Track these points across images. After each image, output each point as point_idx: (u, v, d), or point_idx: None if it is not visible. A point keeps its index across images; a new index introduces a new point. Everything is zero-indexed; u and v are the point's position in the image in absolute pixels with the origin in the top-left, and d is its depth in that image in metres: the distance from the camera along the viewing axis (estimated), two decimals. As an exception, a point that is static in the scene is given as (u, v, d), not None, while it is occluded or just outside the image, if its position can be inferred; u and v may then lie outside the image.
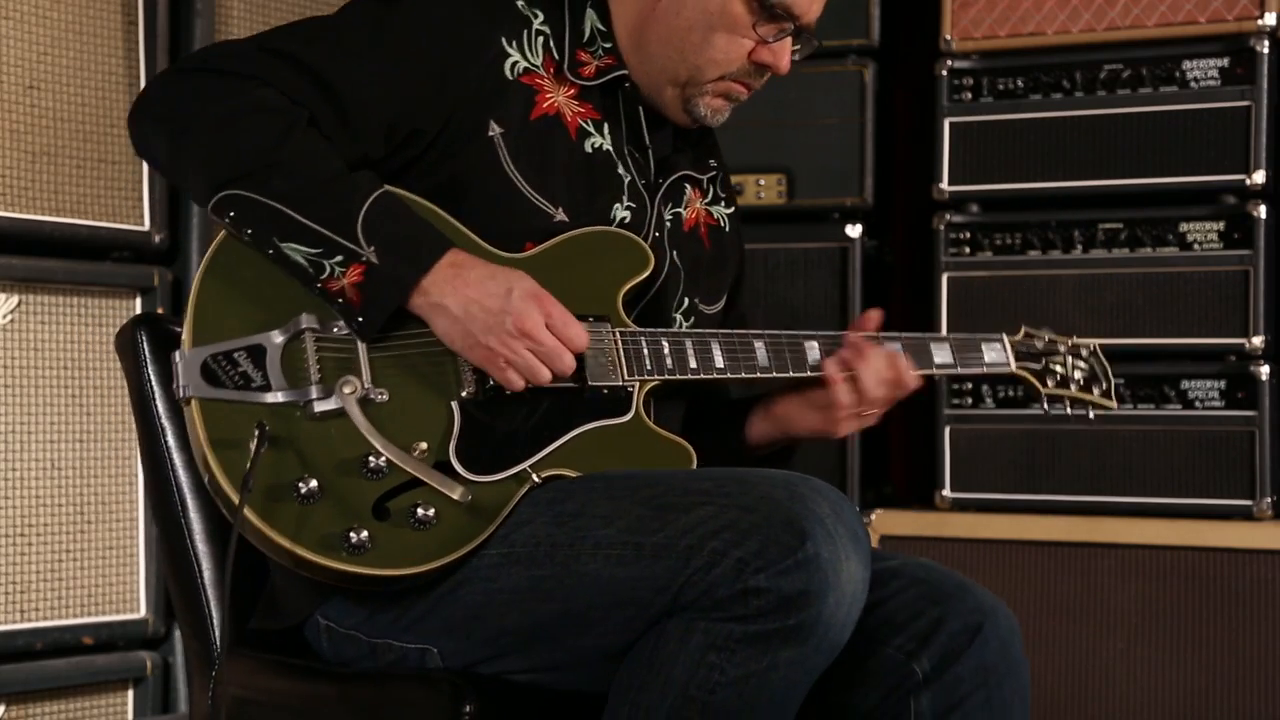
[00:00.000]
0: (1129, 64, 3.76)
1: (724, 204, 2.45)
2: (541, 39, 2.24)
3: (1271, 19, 3.65)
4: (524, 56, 2.22)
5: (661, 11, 2.25)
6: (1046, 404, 2.46)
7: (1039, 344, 2.48)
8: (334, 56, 2.13)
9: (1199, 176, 3.71)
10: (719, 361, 2.25)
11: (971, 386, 3.88)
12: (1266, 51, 3.66)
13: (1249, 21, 3.67)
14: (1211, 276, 3.70)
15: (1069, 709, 3.70)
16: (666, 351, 2.21)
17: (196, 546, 2.27)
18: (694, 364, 2.23)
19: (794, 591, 1.91)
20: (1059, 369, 2.48)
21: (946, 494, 3.87)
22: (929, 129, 3.93)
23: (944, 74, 3.89)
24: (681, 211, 2.35)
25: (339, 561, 2.01)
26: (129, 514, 3.52)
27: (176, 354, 2.06)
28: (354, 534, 2.01)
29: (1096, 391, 2.50)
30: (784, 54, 2.28)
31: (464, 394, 2.11)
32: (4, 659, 3.33)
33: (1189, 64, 3.72)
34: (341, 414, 2.04)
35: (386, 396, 2.07)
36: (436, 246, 2.08)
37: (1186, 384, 3.72)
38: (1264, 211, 3.67)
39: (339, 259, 2.05)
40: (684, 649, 1.95)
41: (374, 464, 2.04)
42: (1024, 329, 2.48)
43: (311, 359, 2.06)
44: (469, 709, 2.03)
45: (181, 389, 2.05)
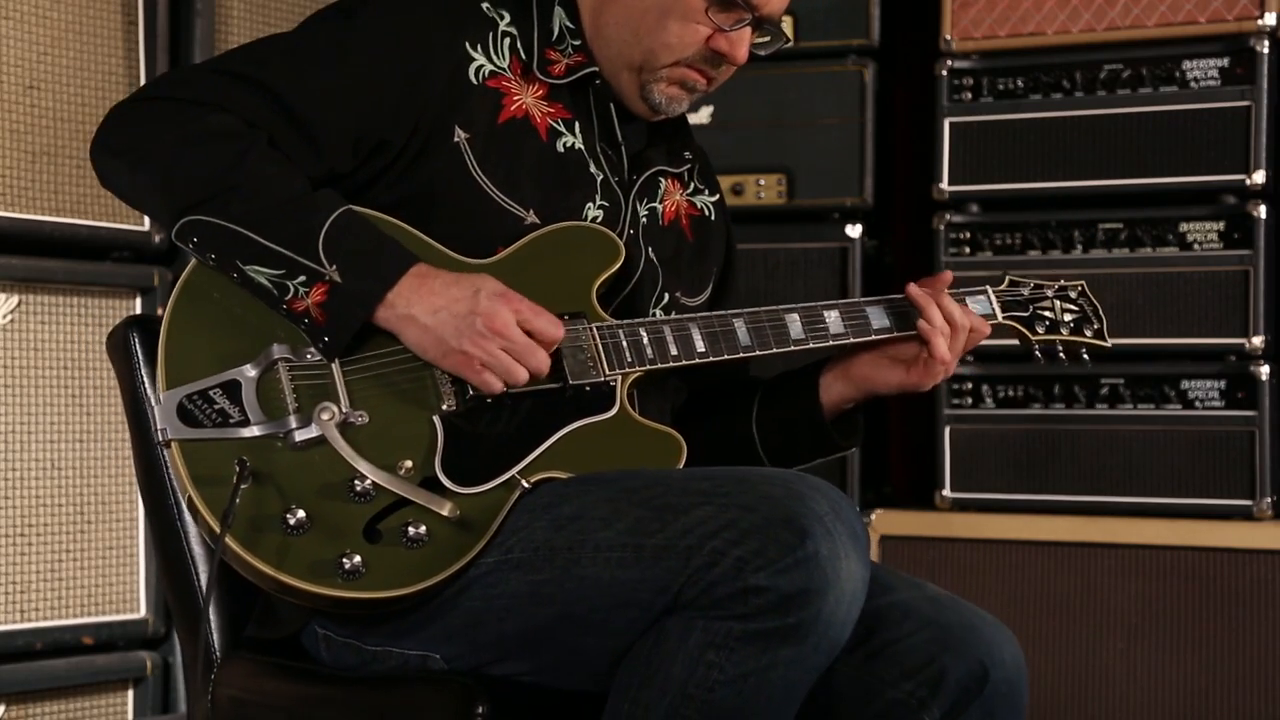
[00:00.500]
0: (1129, 64, 3.76)
1: (707, 192, 2.43)
2: (508, 40, 2.23)
3: (1271, 19, 3.65)
4: (489, 60, 2.21)
5: None
6: (1038, 352, 2.41)
7: (1025, 290, 2.43)
8: (292, 74, 2.12)
9: (1199, 176, 3.71)
10: (699, 345, 2.22)
11: (971, 386, 3.88)
12: (1266, 51, 3.66)
13: (1249, 21, 3.67)
14: (1211, 276, 3.70)
15: (1069, 709, 3.70)
16: (645, 341, 2.19)
17: (193, 550, 2.25)
18: (675, 350, 2.21)
19: (794, 590, 1.90)
20: (1047, 314, 2.43)
21: (946, 494, 3.87)
22: (929, 129, 3.93)
23: (944, 74, 3.89)
24: (658, 206, 2.33)
25: (334, 588, 2.00)
26: (129, 514, 3.52)
27: (151, 398, 2.07)
28: (346, 560, 2.00)
29: (1089, 333, 2.44)
30: (741, 44, 2.24)
31: (444, 407, 2.09)
32: (4, 659, 3.33)
33: (1189, 64, 3.72)
34: (323, 441, 2.04)
35: (366, 418, 2.07)
36: (400, 261, 2.08)
37: (1186, 384, 3.72)
38: (1264, 211, 3.66)
39: (302, 279, 2.05)
40: (683, 647, 1.95)
41: (360, 487, 2.03)
42: (1008, 276, 2.43)
43: (287, 388, 2.06)
44: (481, 710, 2.02)
45: (160, 432, 2.04)
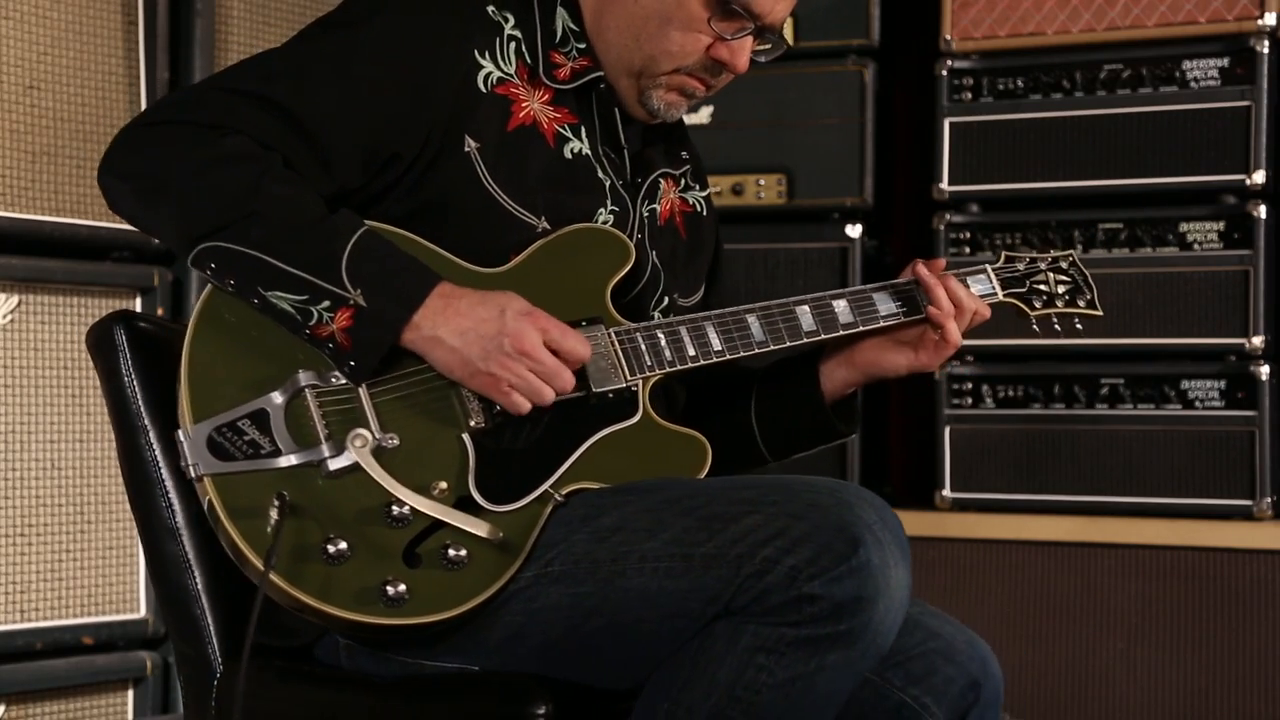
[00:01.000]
0: (1129, 64, 3.76)
1: (699, 188, 2.42)
2: (514, 44, 2.20)
3: (1271, 19, 3.65)
4: (497, 66, 2.18)
5: None
6: (1036, 326, 2.44)
7: (1021, 265, 2.44)
8: (302, 91, 2.09)
9: (1199, 176, 3.71)
10: (716, 344, 2.22)
11: (971, 386, 3.88)
12: (1266, 51, 3.66)
13: (1249, 21, 3.67)
14: (1211, 276, 3.70)
15: (1069, 709, 3.70)
16: (664, 344, 2.19)
17: (188, 552, 2.20)
18: (692, 351, 2.21)
19: (847, 598, 1.92)
20: (1043, 287, 2.44)
21: (946, 494, 3.87)
22: (929, 129, 3.93)
23: (944, 74, 3.89)
24: (656, 207, 2.33)
25: (379, 616, 1.99)
26: (129, 514, 3.51)
27: (179, 432, 2.04)
28: (390, 587, 1.99)
29: (1082, 303, 2.46)
30: (742, 53, 2.22)
31: (472, 424, 2.09)
32: (4, 659, 3.33)
33: (1189, 64, 3.72)
34: (357, 468, 2.03)
35: (397, 440, 2.05)
36: (424, 281, 2.06)
37: (1186, 384, 3.72)
38: (1264, 211, 3.66)
39: (326, 304, 2.03)
40: (732, 650, 1.96)
41: (397, 512, 2.02)
42: (1004, 253, 2.46)
43: (316, 415, 2.04)
44: (543, 710, 2.01)
45: (192, 468, 2.02)
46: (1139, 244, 3.76)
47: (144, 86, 3.52)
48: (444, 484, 2.06)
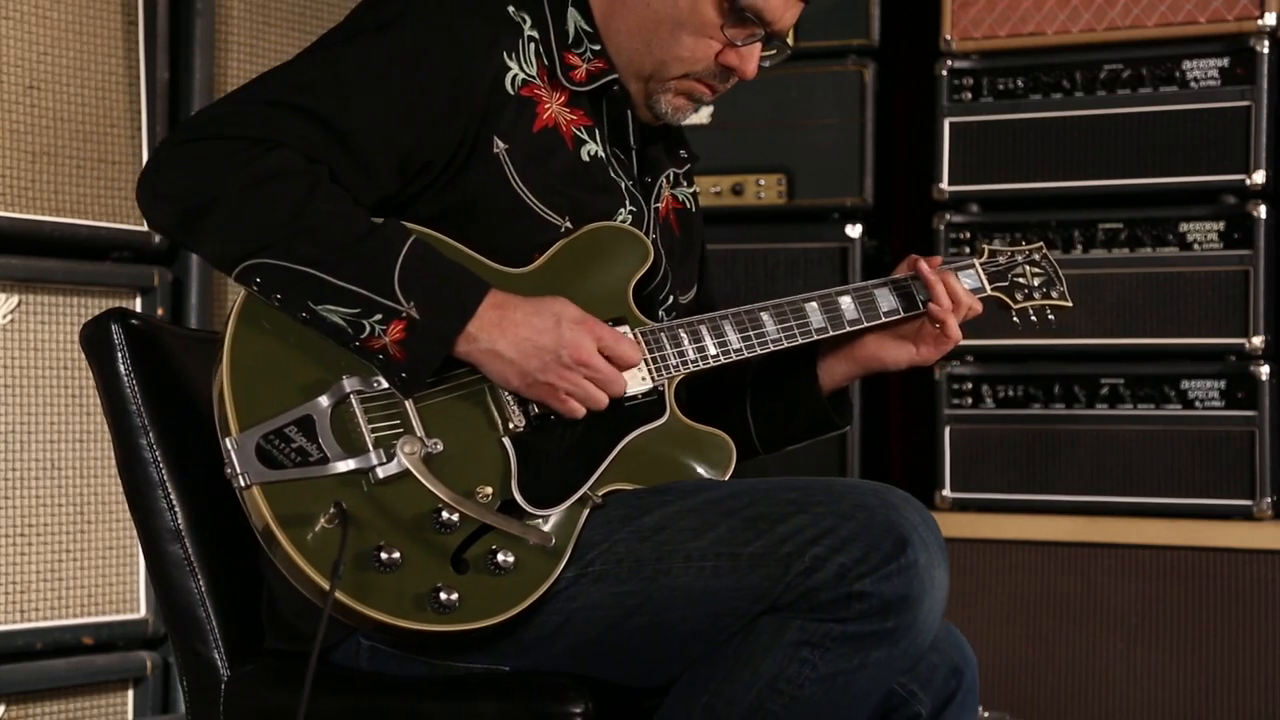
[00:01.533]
0: (1129, 64, 3.76)
1: (687, 184, 2.43)
2: (533, 45, 2.20)
3: (1271, 19, 3.65)
4: (521, 68, 2.18)
5: (632, 1, 2.22)
6: (1016, 318, 2.49)
7: (1002, 260, 2.48)
8: (340, 100, 2.08)
9: (1199, 176, 3.71)
10: (735, 343, 2.24)
11: (971, 386, 3.88)
12: (1266, 51, 3.66)
13: (1249, 21, 3.67)
14: (1211, 276, 3.70)
15: (1069, 709, 3.70)
16: (687, 344, 2.21)
17: (191, 554, 2.20)
18: (713, 350, 2.23)
19: (895, 596, 1.97)
20: (1021, 280, 2.49)
21: (946, 494, 3.87)
22: (929, 129, 3.93)
23: (944, 74, 3.89)
24: (658, 206, 2.34)
25: (431, 623, 2.00)
26: (129, 514, 3.51)
27: (227, 440, 2.01)
28: (443, 593, 2.00)
29: (1055, 294, 2.50)
30: (751, 59, 2.25)
31: (511, 426, 2.10)
32: (4, 659, 3.33)
33: (1189, 64, 3.72)
34: (405, 475, 2.02)
35: (441, 445, 2.06)
36: (475, 291, 2.06)
37: (1186, 384, 3.72)
38: (1264, 211, 3.67)
39: (378, 317, 2.02)
40: (777, 643, 1.99)
41: (445, 518, 2.02)
42: (986, 249, 2.49)
43: (362, 422, 2.04)
44: (583, 709, 2.01)
45: (241, 477, 2.00)
46: (1139, 244, 3.76)
47: (144, 86, 3.52)
48: (489, 489, 2.06)
